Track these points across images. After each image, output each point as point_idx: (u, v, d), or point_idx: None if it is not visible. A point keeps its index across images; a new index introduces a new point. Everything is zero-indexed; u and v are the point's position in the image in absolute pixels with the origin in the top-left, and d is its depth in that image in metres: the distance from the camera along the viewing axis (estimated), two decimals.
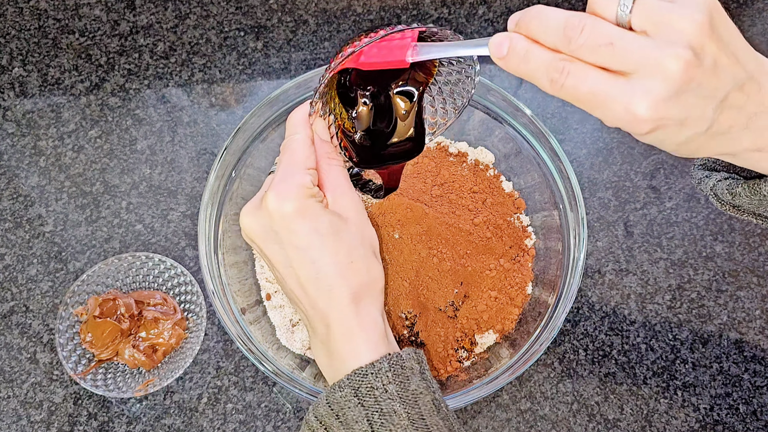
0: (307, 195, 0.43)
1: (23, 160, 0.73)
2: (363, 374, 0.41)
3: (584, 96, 0.32)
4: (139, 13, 0.80)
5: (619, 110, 0.32)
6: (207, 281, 0.57)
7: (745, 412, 0.64)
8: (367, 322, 0.44)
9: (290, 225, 0.43)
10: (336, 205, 0.45)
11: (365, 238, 0.46)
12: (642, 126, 0.32)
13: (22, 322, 0.66)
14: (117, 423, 0.62)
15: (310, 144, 0.45)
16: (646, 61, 0.31)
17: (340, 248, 0.43)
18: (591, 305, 0.68)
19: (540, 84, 0.34)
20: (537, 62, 0.33)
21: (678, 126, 0.33)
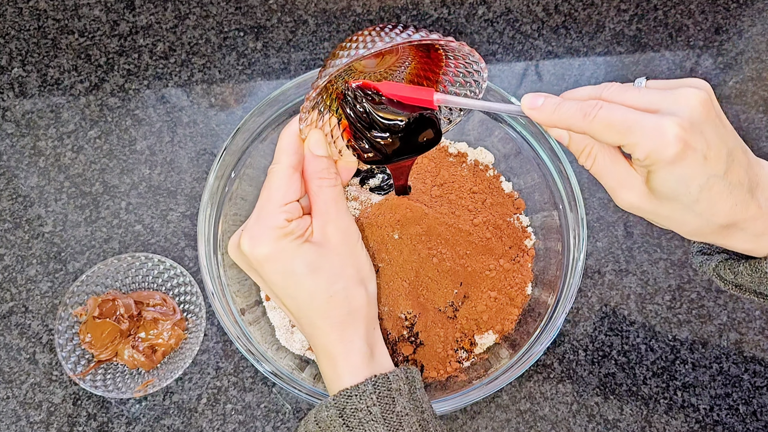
0: (280, 236, 0.42)
1: (23, 160, 0.73)
2: (348, 395, 0.42)
3: (617, 121, 0.36)
4: (139, 13, 0.80)
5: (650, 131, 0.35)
6: (206, 282, 0.57)
7: (745, 413, 0.64)
8: (350, 348, 0.44)
9: (265, 268, 0.43)
10: (321, 233, 0.44)
11: (348, 266, 0.45)
12: (671, 146, 0.35)
13: (22, 323, 0.66)
14: (116, 423, 0.62)
15: (290, 175, 0.44)
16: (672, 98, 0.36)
17: (318, 285, 0.44)
18: (591, 305, 0.68)
19: (572, 121, 0.38)
20: (569, 106, 0.38)
21: (702, 159, 0.36)
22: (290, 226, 0.43)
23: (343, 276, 0.44)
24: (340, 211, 0.45)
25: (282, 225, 0.43)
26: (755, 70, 0.78)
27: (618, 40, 0.80)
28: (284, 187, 0.43)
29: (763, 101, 0.77)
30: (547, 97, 0.39)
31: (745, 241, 0.41)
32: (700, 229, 0.40)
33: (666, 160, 0.36)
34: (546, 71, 0.78)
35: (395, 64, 0.50)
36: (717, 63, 0.79)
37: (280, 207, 0.43)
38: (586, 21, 0.81)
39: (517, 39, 0.80)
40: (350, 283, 0.45)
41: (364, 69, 0.49)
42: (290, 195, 0.44)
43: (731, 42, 0.80)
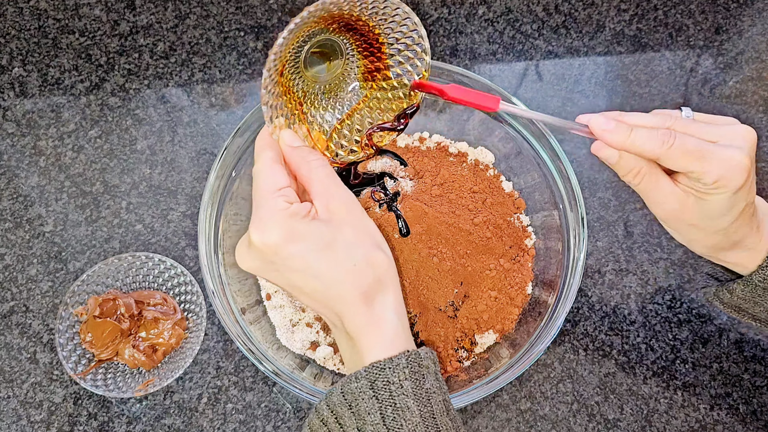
0: (287, 218, 0.42)
1: (23, 160, 0.73)
2: (381, 368, 0.41)
3: (693, 148, 0.41)
4: (139, 13, 0.80)
5: (723, 160, 0.41)
6: (207, 281, 0.57)
7: (745, 412, 0.64)
8: (381, 320, 0.44)
9: (281, 253, 0.42)
10: (326, 211, 0.44)
11: (362, 234, 0.45)
12: (741, 176, 0.41)
13: (22, 322, 0.66)
14: (117, 423, 0.62)
15: (273, 164, 0.44)
16: (732, 133, 0.43)
17: (339, 256, 0.43)
18: (591, 305, 0.68)
19: (647, 145, 0.42)
20: (644, 133, 0.42)
21: (749, 186, 0.43)
22: (293, 207, 0.43)
23: (361, 244, 0.44)
24: (338, 186, 0.45)
25: (284, 207, 0.42)
26: (755, 70, 0.78)
27: (618, 40, 0.80)
28: (271, 175, 0.44)
29: (763, 101, 0.77)
30: (618, 122, 0.43)
31: (739, 255, 0.48)
32: (719, 245, 0.47)
33: (733, 187, 0.42)
34: (546, 71, 0.78)
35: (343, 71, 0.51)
36: (717, 63, 0.79)
37: (275, 193, 0.43)
38: (586, 21, 0.81)
39: (517, 39, 0.80)
40: (369, 249, 0.44)
41: (317, 76, 0.50)
42: (280, 181, 0.44)
43: (731, 42, 0.80)
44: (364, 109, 0.51)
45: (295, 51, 0.46)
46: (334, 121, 0.51)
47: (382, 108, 0.51)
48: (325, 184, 0.45)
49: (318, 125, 0.50)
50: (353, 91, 0.51)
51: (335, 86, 0.51)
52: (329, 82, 0.50)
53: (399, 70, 0.49)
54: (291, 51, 0.45)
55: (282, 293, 0.64)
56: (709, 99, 0.77)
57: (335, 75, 0.50)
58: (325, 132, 0.50)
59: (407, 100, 0.49)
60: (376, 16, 0.46)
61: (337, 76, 0.50)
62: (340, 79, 0.51)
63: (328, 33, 0.47)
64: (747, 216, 0.45)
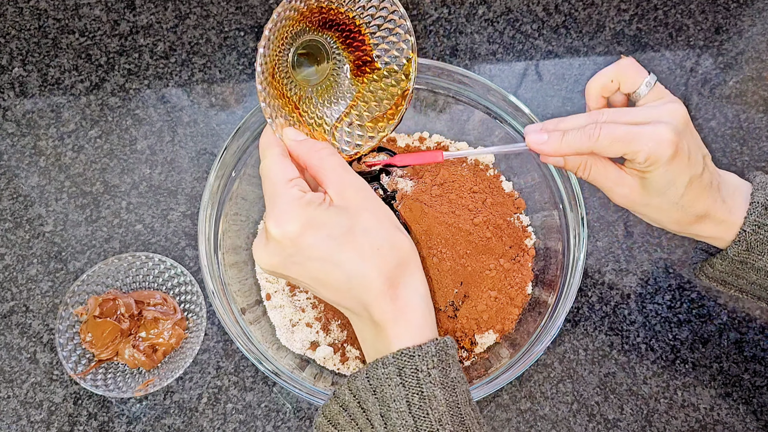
0: (303, 206, 0.42)
1: (23, 160, 0.73)
2: (409, 355, 0.40)
3: (620, 135, 0.44)
4: (139, 13, 0.80)
5: (649, 138, 0.43)
6: (207, 281, 0.57)
7: (745, 412, 0.64)
8: (408, 306, 0.43)
9: (301, 242, 0.42)
10: (341, 198, 0.43)
11: (380, 218, 0.44)
12: (668, 149, 0.43)
13: (22, 322, 0.66)
14: (117, 423, 0.62)
15: (281, 158, 0.45)
16: (658, 112, 0.45)
17: (360, 241, 0.42)
18: (591, 305, 0.68)
19: (578, 143, 0.45)
20: (574, 134, 0.45)
21: (687, 160, 0.44)
22: (308, 195, 0.42)
23: (381, 227, 0.43)
24: (350, 172, 0.45)
25: (299, 195, 0.42)
26: (755, 70, 0.78)
27: (618, 40, 0.80)
28: (281, 168, 0.44)
29: (763, 101, 0.77)
30: (550, 133, 0.46)
31: (711, 228, 0.49)
32: (682, 220, 0.48)
33: (663, 160, 0.44)
34: (546, 71, 0.78)
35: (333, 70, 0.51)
36: (717, 63, 0.79)
37: (288, 184, 0.43)
38: (586, 21, 0.81)
39: (517, 39, 0.80)
40: (390, 232, 0.43)
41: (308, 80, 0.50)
42: (290, 172, 0.44)
43: (731, 42, 0.80)
44: (360, 103, 0.51)
45: (281, 54, 0.46)
46: (333, 119, 0.51)
47: (377, 98, 0.51)
48: (338, 171, 0.44)
49: (317, 125, 0.50)
50: (346, 88, 0.51)
51: (328, 86, 0.51)
52: (321, 83, 0.51)
53: (386, 58, 0.49)
54: (277, 55, 0.46)
55: (282, 293, 0.64)
56: (709, 99, 0.77)
57: (325, 76, 0.51)
58: (326, 131, 0.50)
59: (399, 87, 0.50)
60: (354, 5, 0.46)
61: (327, 76, 0.51)
62: (331, 79, 0.51)
63: (310, 33, 0.48)
64: (700, 188, 0.46)
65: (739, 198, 0.49)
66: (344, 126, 0.51)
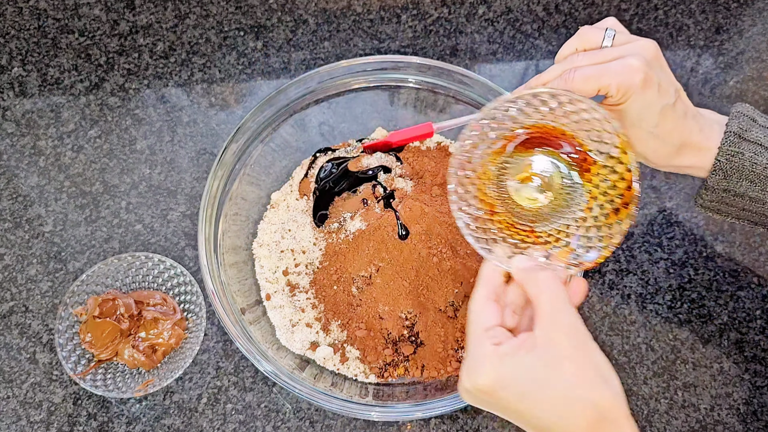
0: (494, 361, 0.41)
1: (23, 159, 0.73)
2: None
3: (591, 72, 0.46)
4: (139, 12, 0.80)
5: (619, 69, 0.45)
6: (207, 281, 0.57)
7: (745, 412, 0.64)
8: None
9: (493, 396, 0.42)
10: (546, 340, 0.41)
11: (585, 368, 0.41)
12: (637, 75, 0.45)
13: (22, 323, 0.66)
14: (117, 423, 0.62)
15: (486, 302, 0.45)
16: (630, 47, 0.47)
17: (557, 396, 0.40)
18: (591, 305, 0.68)
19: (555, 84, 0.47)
20: (554, 83, 0.47)
21: (657, 89, 0.46)
22: (501, 348, 0.42)
23: (581, 383, 0.40)
24: (564, 311, 0.42)
25: (492, 350, 0.42)
26: (756, 70, 0.78)
27: None
28: (482, 313, 0.44)
29: (764, 101, 0.77)
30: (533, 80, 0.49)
31: (692, 157, 0.50)
32: (660, 150, 0.49)
33: (634, 89, 0.45)
34: None
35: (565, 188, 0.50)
36: (717, 62, 0.79)
37: (485, 332, 0.43)
38: (586, 21, 0.81)
39: (517, 38, 0.79)
40: (591, 388, 0.40)
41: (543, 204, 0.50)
42: (490, 320, 0.44)
43: (732, 41, 0.80)
44: (596, 206, 0.49)
45: (498, 186, 0.49)
46: (572, 230, 0.49)
47: (603, 191, 0.48)
48: (551, 309, 0.42)
49: (554, 240, 0.49)
50: (580, 196, 0.49)
51: (560, 200, 0.50)
52: (555, 200, 0.50)
53: (600, 149, 0.48)
54: (493, 188, 0.49)
55: (282, 293, 0.64)
56: (710, 99, 0.77)
57: (558, 192, 0.50)
58: (565, 243, 0.48)
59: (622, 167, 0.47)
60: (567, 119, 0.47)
61: (559, 192, 0.50)
62: (562, 193, 0.50)
63: (518, 155, 0.50)
64: (675, 118, 0.48)
65: (717, 127, 0.50)
66: (581, 232, 0.49)
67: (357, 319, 0.62)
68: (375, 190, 0.67)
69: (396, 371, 0.61)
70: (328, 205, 0.67)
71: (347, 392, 0.59)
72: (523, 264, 0.45)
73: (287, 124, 0.67)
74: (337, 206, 0.67)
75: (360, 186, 0.68)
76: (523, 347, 0.41)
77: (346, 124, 0.71)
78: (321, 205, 0.67)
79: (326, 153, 0.71)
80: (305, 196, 0.68)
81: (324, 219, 0.66)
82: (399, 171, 0.68)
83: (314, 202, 0.67)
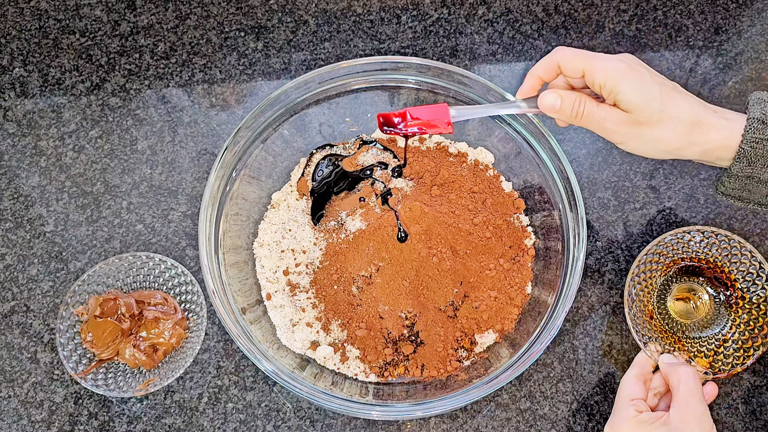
0: (635, 424, 0.53)
1: (24, 160, 0.73)
2: None
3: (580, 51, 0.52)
4: (140, 13, 0.80)
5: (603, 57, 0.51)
6: (207, 281, 0.57)
7: (745, 412, 0.64)
8: None
9: None
10: (679, 420, 0.52)
11: None
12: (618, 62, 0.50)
13: (23, 322, 0.66)
14: (117, 422, 0.62)
15: (635, 380, 0.58)
16: None
17: None
18: (591, 305, 0.68)
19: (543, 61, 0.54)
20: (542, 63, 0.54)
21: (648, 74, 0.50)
22: (641, 416, 0.54)
23: None
24: (697, 402, 0.54)
25: (634, 415, 0.54)
26: (754, 70, 0.78)
27: (618, 41, 0.80)
28: (630, 387, 0.57)
29: None
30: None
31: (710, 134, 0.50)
32: (678, 128, 0.50)
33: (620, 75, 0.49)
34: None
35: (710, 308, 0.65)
36: (716, 63, 0.79)
37: (630, 402, 0.56)
38: (586, 21, 0.81)
39: (517, 39, 0.80)
40: None
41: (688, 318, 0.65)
42: (636, 393, 0.57)
43: (730, 42, 0.80)
44: (736, 332, 0.62)
45: (658, 300, 0.65)
46: (713, 346, 0.63)
47: (749, 321, 0.62)
48: (687, 396, 0.54)
49: (698, 351, 0.62)
50: (722, 319, 0.64)
51: (706, 317, 0.64)
52: (702, 319, 0.64)
53: (752, 289, 0.62)
54: (653, 300, 0.64)
55: (282, 293, 0.65)
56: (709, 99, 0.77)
57: (707, 312, 0.64)
58: (705, 355, 0.62)
59: (762, 312, 0.61)
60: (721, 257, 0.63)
61: (707, 314, 0.64)
62: (707, 312, 0.65)
63: (679, 279, 0.66)
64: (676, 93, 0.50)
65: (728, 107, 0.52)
66: (722, 349, 0.62)
67: (357, 319, 0.62)
68: (374, 187, 0.67)
69: (396, 370, 0.61)
70: (324, 205, 0.68)
71: (347, 391, 0.59)
72: (667, 359, 0.59)
73: (287, 124, 0.67)
74: (334, 205, 0.68)
75: (358, 184, 0.68)
76: (659, 421, 0.53)
77: (346, 125, 0.71)
78: (318, 205, 0.68)
79: (324, 149, 0.71)
80: (304, 195, 0.69)
81: (321, 217, 0.67)
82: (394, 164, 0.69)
83: (312, 202, 0.68)
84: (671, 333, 0.63)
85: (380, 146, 0.70)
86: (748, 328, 0.62)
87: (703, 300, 0.65)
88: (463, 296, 0.63)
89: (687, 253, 0.64)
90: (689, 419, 0.52)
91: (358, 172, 0.69)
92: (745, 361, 0.60)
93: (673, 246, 0.63)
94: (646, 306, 0.63)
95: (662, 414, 0.54)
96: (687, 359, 0.60)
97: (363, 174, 0.69)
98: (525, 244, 0.66)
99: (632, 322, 0.61)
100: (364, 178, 0.68)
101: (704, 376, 0.60)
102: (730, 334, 0.63)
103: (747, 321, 0.62)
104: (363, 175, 0.69)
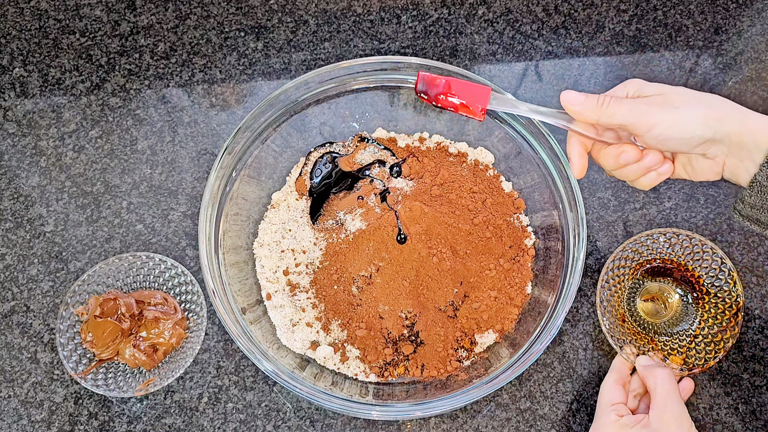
0: (617, 426, 0.56)
1: (24, 160, 0.73)
2: None
3: None
4: (140, 13, 0.80)
5: None
6: (207, 281, 0.57)
7: (745, 412, 0.64)
8: None
9: None
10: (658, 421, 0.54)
11: None
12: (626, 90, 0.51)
13: (23, 322, 0.66)
14: (117, 422, 0.62)
15: (614, 385, 0.59)
16: None
17: None
18: (591, 305, 0.68)
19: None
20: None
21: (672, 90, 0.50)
22: (622, 419, 0.56)
23: None
24: (675, 401, 0.56)
25: (615, 419, 0.56)
26: (754, 71, 0.78)
27: (618, 41, 0.80)
28: (610, 393, 0.59)
29: (762, 101, 0.77)
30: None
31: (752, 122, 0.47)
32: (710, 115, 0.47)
33: None
34: (546, 71, 0.78)
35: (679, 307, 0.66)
36: (716, 63, 0.79)
37: (611, 406, 0.58)
38: (585, 21, 0.81)
39: (517, 39, 0.80)
40: None
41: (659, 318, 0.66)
42: (616, 398, 0.58)
43: (730, 42, 0.80)
44: (705, 327, 0.63)
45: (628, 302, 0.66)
46: (684, 342, 0.63)
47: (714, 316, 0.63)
48: (664, 398, 0.56)
49: (670, 349, 0.63)
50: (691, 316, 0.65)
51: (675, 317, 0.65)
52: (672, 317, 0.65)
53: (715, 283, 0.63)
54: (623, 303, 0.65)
55: (282, 293, 0.65)
56: None
57: (675, 311, 0.65)
58: (678, 352, 0.63)
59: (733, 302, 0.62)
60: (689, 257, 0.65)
61: (676, 312, 0.65)
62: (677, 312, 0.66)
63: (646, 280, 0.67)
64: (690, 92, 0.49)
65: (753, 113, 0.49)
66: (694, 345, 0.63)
67: (357, 319, 0.62)
68: (372, 184, 0.67)
69: (396, 370, 0.61)
70: (322, 204, 0.68)
71: (347, 391, 0.59)
72: (644, 362, 0.60)
73: (287, 124, 0.67)
74: (333, 204, 0.68)
75: (356, 183, 0.68)
76: (640, 423, 0.55)
77: (346, 125, 0.71)
78: (317, 205, 0.68)
79: (323, 147, 0.71)
80: (303, 195, 0.69)
81: (319, 217, 0.67)
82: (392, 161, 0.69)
83: (311, 202, 0.68)
84: (644, 334, 0.64)
85: (378, 144, 0.70)
86: (717, 322, 0.63)
87: (671, 299, 0.66)
88: (463, 296, 0.63)
89: (652, 255, 0.65)
90: (668, 420, 0.55)
91: (357, 171, 0.69)
92: (717, 355, 0.61)
93: (638, 250, 0.65)
94: (617, 310, 0.64)
95: (642, 416, 0.56)
96: (662, 358, 0.62)
97: (361, 174, 0.69)
98: (525, 244, 0.66)
99: (606, 327, 0.62)
100: (362, 177, 0.68)
101: (680, 372, 0.61)
102: (700, 330, 0.64)
103: (714, 315, 0.63)
104: (362, 175, 0.69)
